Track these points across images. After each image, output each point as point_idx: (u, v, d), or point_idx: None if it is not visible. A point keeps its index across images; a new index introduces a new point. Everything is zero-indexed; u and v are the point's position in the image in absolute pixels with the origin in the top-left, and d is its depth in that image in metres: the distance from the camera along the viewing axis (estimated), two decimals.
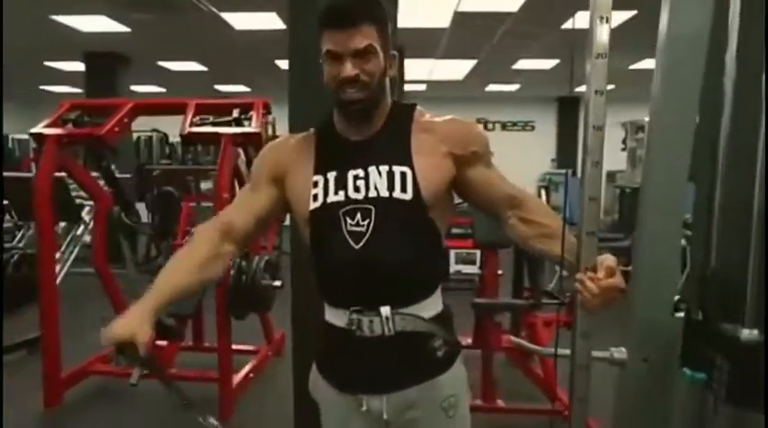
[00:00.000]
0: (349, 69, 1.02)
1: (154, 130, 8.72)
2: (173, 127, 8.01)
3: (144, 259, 6.74)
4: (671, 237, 1.24)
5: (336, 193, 1.08)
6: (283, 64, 8.02)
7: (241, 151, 3.01)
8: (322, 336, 1.18)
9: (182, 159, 8.50)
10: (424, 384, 1.11)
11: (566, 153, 11.02)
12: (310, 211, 1.09)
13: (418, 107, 1.17)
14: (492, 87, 10.28)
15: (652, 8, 0.97)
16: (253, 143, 2.77)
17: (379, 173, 1.07)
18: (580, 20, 5.49)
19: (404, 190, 1.05)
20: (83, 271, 5.42)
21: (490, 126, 11.28)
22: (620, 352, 1.48)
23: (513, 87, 10.46)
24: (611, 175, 7.89)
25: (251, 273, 2.60)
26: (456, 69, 8.37)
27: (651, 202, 1.40)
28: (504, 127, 11.61)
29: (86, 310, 4.68)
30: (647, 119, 1.16)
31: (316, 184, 1.10)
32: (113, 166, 3.78)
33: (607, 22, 1.03)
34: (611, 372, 1.19)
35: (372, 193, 1.06)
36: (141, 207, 4.90)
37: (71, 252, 5.29)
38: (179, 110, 3.00)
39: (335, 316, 1.12)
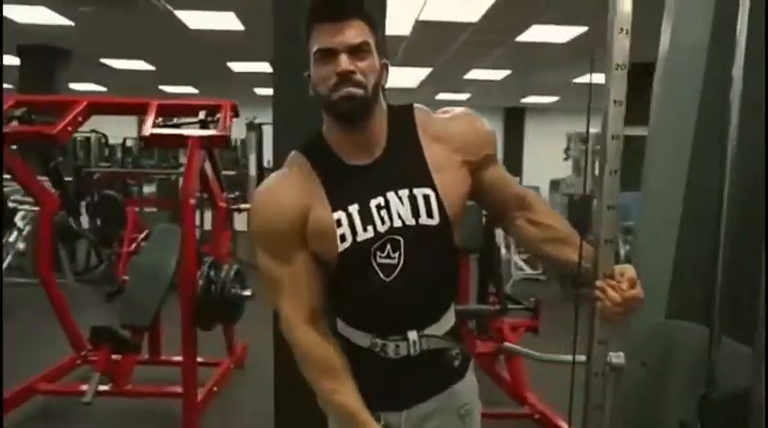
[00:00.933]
0: (345, 63, 0.93)
1: (92, 131, 8.25)
2: (111, 128, 7.72)
3: (84, 268, 6.35)
4: (666, 245, 1.26)
5: (365, 230, 0.98)
6: (236, 66, 7.85)
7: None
8: None
9: (121, 162, 8.09)
10: (442, 394, 1.09)
11: (512, 162, 11.38)
12: (339, 253, 0.99)
13: (416, 106, 1.09)
14: (442, 96, 10.46)
15: (602, 24, 0.99)
16: (220, 146, 2.64)
17: (400, 199, 0.99)
18: (535, 33, 5.70)
19: (430, 215, 1.00)
20: (18, 281, 5.05)
21: None
22: (618, 357, 1.52)
23: (464, 96, 10.70)
24: (555, 183, 8.21)
25: (221, 283, 2.49)
26: (411, 77, 8.45)
27: (649, 211, 1.44)
28: None
29: (23, 323, 4.37)
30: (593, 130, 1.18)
31: (339, 223, 0.98)
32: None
33: (627, 33, 1.04)
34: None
35: (397, 223, 0.99)
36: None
37: (1, 260, 4.88)
38: (139, 110, 2.83)
39: (355, 336, 1.07)
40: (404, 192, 1.00)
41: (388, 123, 1.05)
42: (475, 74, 8.25)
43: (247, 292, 2.60)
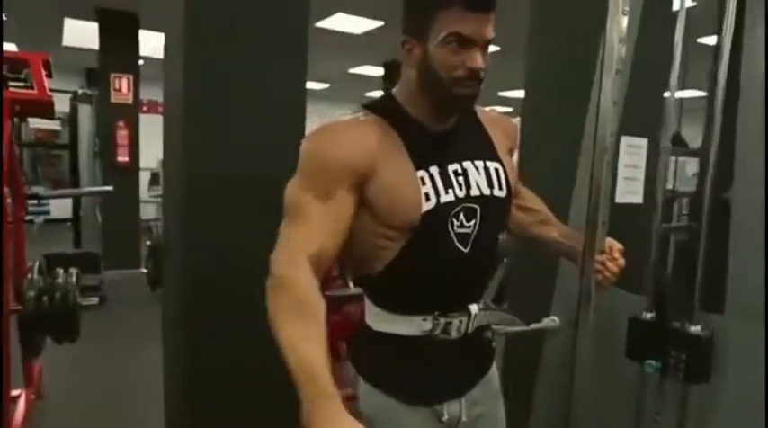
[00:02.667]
0: (480, 61, 0.92)
1: None
2: None
3: None
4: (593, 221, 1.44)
5: (447, 193, 0.96)
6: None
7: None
8: (377, 351, 1.05)
9: None
10: (485, 377, 1.11)
11: None
12: (423, 213, 0.94)
13: None
14: None
15: (516, 46, 1.20)
16: (40, 113, 2.02)
17: (476, 168, 1.01)
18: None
19: (500, 187, 1.03)
20: None
21: None
22: (553, 321, 1.75)
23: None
24: None
25: (62, 292, 1.93)
26: None
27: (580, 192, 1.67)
28: None
29: None
30: None
31: (423, 181, 0.95)
32: None
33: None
34: None
35: (475, 191, 0.99)
36: None
37: None
38: None
39: (408, 325, 1.00)
40: (479, 163, 1.02)
41: None
42: None
43: (93, 300, 2.09)
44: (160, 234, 4.40)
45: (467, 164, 1.00)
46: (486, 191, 1.01)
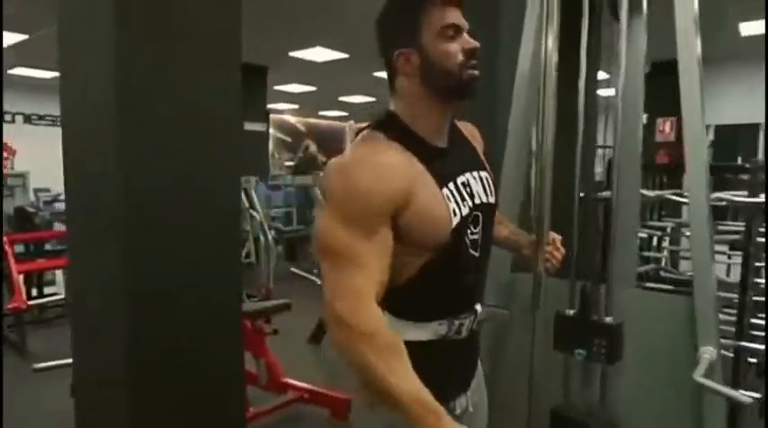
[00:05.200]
0: (474, 41, 0.98)
1: None
2: None
3: None
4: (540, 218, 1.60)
5: (464, 205, 1.02)
6: None
7: None
8: None
9: None
10: (478, 369, 1.19)
11: None
12: (452, 229, 0.99)
13: None
14: None
15: (361, 52, 1.34)
16: None
17: (474, 178, 1.07)
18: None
19: (492, 193, 1.11)
20: None
21: None
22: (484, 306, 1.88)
23: None
24: None
25: None
26: None
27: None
28: None
29: None
30: None
31: (448, 199, 0.99)
32: None
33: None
34: None
35: (478, 200, 1.06)
36: None
37: None
38: None
39: (425, 331, 1.04)
40: (475, 173, 1.08)
41: None
42: None
43: None
44: None
45: (467, 175, 1.06)
46: (484, 199, 1.08)
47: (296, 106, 11.93)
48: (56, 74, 1.69)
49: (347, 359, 0.91)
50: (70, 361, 1.78)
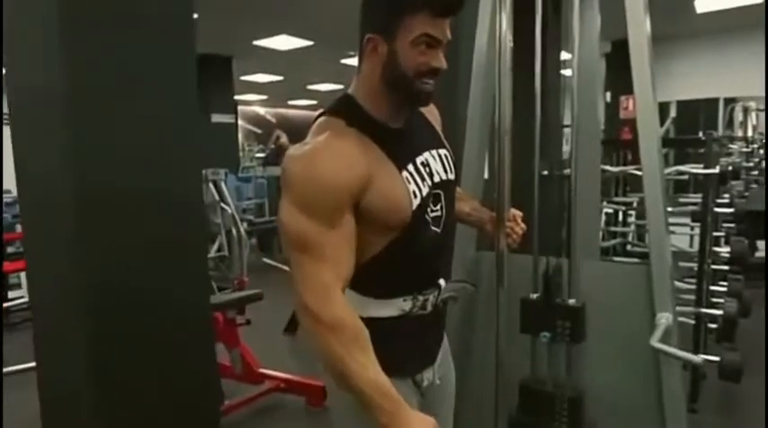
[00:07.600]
0: (444, 62, 0.98)
1: None
2: None
3: None
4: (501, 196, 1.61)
5: (424, 185, 1.03)
6: None
7: None
8: None
9: None
10: (444, 341, 1.21)
11: None
12: (413, 211, 1.00)
13: None
14: None
15: (327, 39, 1.34)
16: None
17: (434, 157, 1.08)
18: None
19: (451, 171, 1.12)
20: None
21: None
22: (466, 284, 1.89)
23: None
24: None
25: None
26: None
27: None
28: None
29: None
30: None
31: (408, 181, 1.00)
32: None
33: None
34: None
35: (437, 178, 1.07)
36: None
37: None
38: None
39: (391, 308, 1.06)
40: (434, 152, 1.10)
41: None
42: None
43: None
44: None
45: (426, 154, 1.07)
46: (444, 177, 1.09)
47: (264, 97, 11.77)
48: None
49: (314, 345, 0.92)
50: (34, 364, 1.74)
